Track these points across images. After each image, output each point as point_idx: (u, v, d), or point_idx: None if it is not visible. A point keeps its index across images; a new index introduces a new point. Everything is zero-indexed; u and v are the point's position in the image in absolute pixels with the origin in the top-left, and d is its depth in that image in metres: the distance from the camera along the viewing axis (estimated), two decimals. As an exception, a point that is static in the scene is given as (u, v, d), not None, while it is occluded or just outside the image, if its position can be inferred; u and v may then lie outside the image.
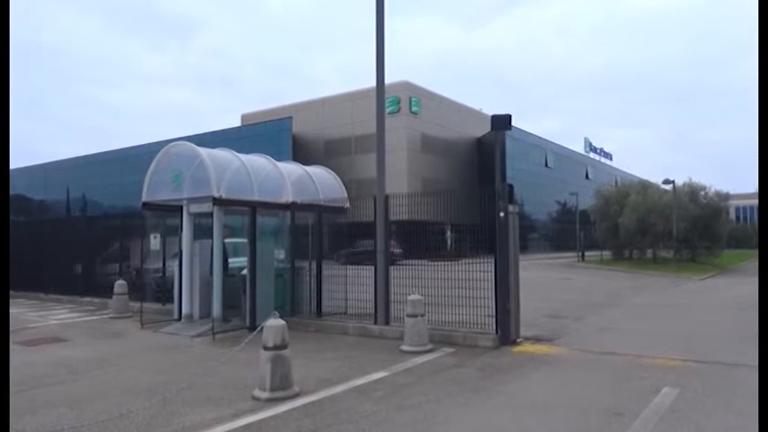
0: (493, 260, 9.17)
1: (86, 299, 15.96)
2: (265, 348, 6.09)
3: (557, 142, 65.33)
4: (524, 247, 44.20)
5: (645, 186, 40.57)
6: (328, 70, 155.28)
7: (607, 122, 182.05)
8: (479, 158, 56.93)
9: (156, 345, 9.70)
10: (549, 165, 62.05)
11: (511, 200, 9.23)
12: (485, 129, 51.97)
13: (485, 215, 9.37)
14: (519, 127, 49.74)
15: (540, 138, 61.27)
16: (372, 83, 10.94)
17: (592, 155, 74.13)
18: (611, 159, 79.12)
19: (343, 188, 12.83)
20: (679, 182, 37.22)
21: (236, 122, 62.71)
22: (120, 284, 13.75)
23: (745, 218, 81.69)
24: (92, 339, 10.35)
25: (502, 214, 9.08)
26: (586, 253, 41.94)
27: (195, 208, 11.22)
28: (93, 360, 8.42)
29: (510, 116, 9.78)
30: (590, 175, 69.28)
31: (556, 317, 12.34)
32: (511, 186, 9.43)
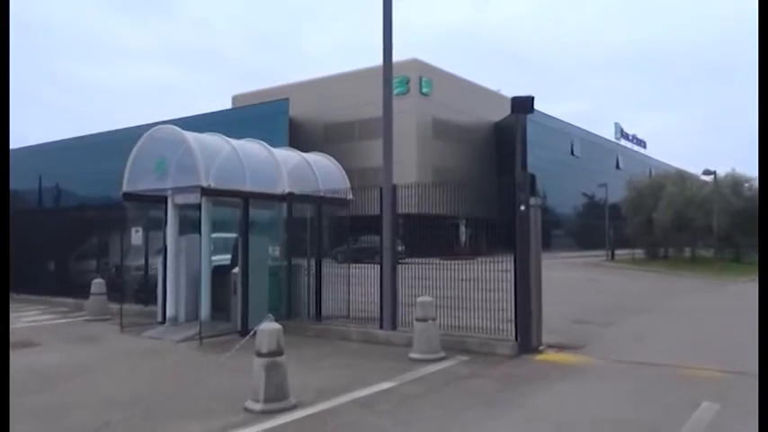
0: (512, 258, 9.16)
1: (60, 299, 16.01)
2: (259, 355, 6.09)
3: (584, 127, 65.19)
4: (547, 245, 44.01)
5: (682, 177, 40.43)
6: (326, 46, 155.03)
7: (640, 105, 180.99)
8: (497, 146, 56.88)
9: (138, 350, 9.72)
10: (575, 153, 61.95)
11: (532, 191, 9.33)
12: (503, 112, 51.85)
13: (503, 208, 9.39)
14: (541, 110, 49.60)
15: (564, 122, 61.19)
16: (378, 60, 10.92)
17: (623, 142, 73.96)
18: (644, 147, 78.91)
19: (346, 177, 12.83)
20: (721, 172, 37.10)
21: (227, 104, 62.86)
22: (97, 283, 13.78)
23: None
24: (66, 344, 10.39)
25: (522, 207, 9.05)
26: (616, 251, 41.86)
27: (181, 199, 11.20)
28: (68, 367, 8.44)
29: (532, 98, 9.80)
30: (621, 165, 69.13)
31: (582, 322, 12.32)
32: (532, 176, 9.75)
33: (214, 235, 11.43)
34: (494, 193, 10.06)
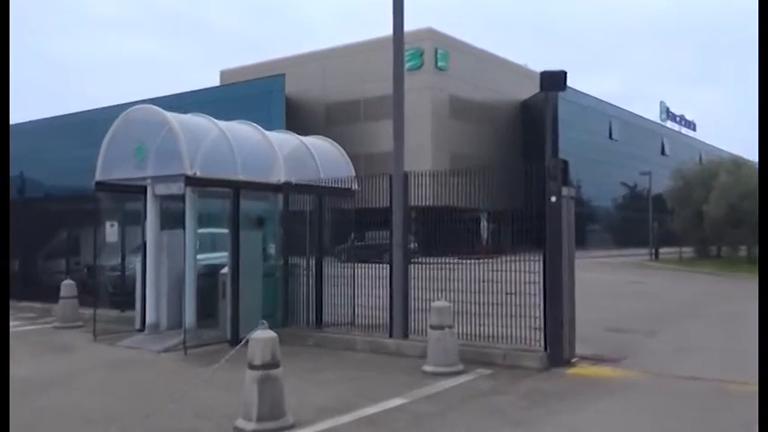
0: (541, 258, 9.14)
1: (25, 303, 16.11)
2: (251, 367, 6.08)
3: (623, 107, 64.86)
4: (582, 242, 43.83)
5: (738, 164, 40.11)
6: (328, 14, 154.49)
7: (689, 80, 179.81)
8: (524, 128, 56.68)
9: (114, 361, 9.77)
10: (613, 136, 61.70)
11: (565, 180, 9.17)
12: (531, 90, 51.60)
13: (531, 200, 9.41)
14: (574, 87, 49.43)
15: (601, 101, 60.88)
16: (387, 30, 10.89)
17: (669, 123, 73.60)
18: (693, 129, 78.50)
19: (351, 164, 12.82)
20: (783, 158, 36.73)
21: (215, 81, 62.92)
22: (67, 285, 13.82)
23: None
24: (34, 354, 10.45)
25: (553, 199, 9.03)
26: (661, 250, 41.71)
27: (162, 189, 11.26)
28: (36, 380, 8.48)
29: (565, 73, 9.77)
30: (667, 150, 68.85)
31: (621, 331, 12.30)
32: (565, 163, 9.33)
33: (200, 230, 11.44)
34: (520, 182, 9.91)
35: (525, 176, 9.83)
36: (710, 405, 7.19)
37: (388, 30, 10.79)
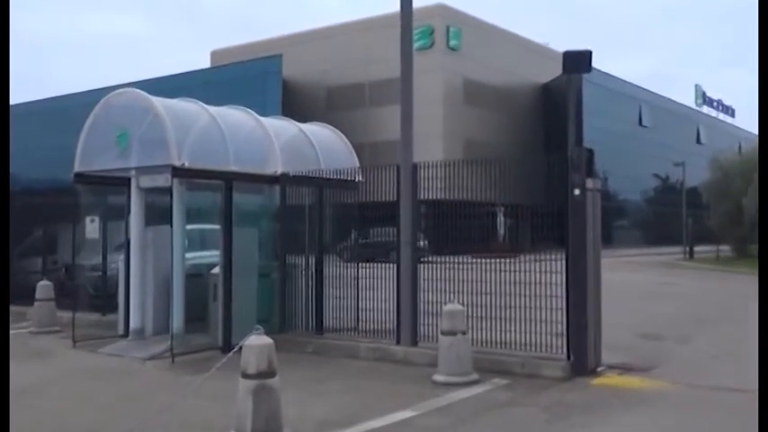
0: (563, 256, 9.16)
1: (-2, 306, 16.18)
2: (245, 376, 6.07)
3: (655, 91, 64.65)
4: (609, 239, 43.80)
5: (781, 154, 40.00)
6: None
7: (726, 61, 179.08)
8: (545, 113, 56.70)
9: (95, 370, 9.80)
10: (643, 123, 61.60)
11: (590, 171, 9.17)
12: (553, 72, 51.56)
13: (552, 193, 9.48)
14: (601, 69, 49.36)
15: (630, 84, 60.71)
16: (394, 6, 10.89)
17: (705, 109, 73.37)
18: (732, 116, 78.21)
19: (354, 154, 12.82)
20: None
21: (205, 62, 63.01)
22: (43, 287, 13.82)
23: None
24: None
25: (577, 192, 9.02)
26: (696, 248, 41.58)
27: (148, 181, 11.23)
28: (11, 392, 8.40)
29: (590, 53, 9.73)
30: (703, 138, 68.74)
31: (652, 337, 12.32)
32: (590, 152, 9.30)
33: (189, 226, 11.46)
34: (541, 173, 10.00)
35: (546, 167, 9.90)
36: (748, 419, 7.15)
37: (395, 5, 10.78)
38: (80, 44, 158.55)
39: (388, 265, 10.72)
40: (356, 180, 11.88)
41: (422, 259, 10.71)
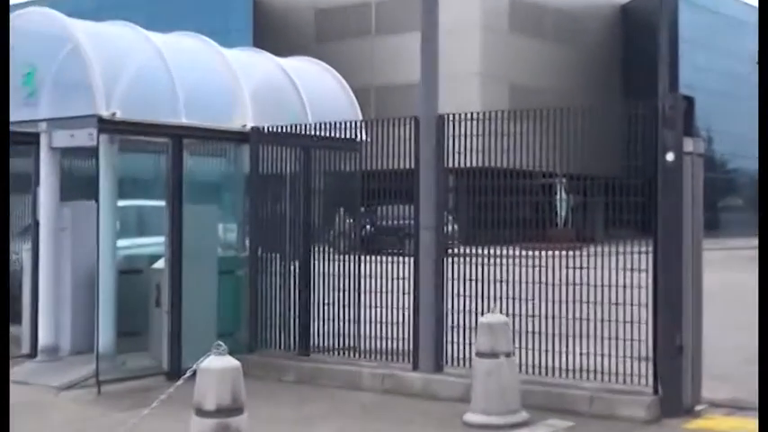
0: (650, 249, 8.11)
1: None
2: (200, 413, 5.30)
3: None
4: (713, 224, 40.45)
5: None
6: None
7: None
8: (624, 47, 52.50)
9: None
10: (764, 63, 60.04)
11: (689, 129, 8.10)
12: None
13: (634, 159, 8.51)
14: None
15: (748, 5, 55.60)
16: None
17: None
18: None
19: (355, 102, 11.55)
20: None
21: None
22: None
23: None
24: None
25: (670, 157, 7.95)
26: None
27: (64, 139, 10.14)
28: None
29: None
30: None
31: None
32: (689, 102, 8.22)
33: (122, 203, 10.49)
34: (618, 132, 8.77)
35: (627, 123, 8.67)
36: None
37: None
38: None
39: (401, 258, 9.60)
40: (357, 139, 10.54)
41: (449, 251, 9.85)
